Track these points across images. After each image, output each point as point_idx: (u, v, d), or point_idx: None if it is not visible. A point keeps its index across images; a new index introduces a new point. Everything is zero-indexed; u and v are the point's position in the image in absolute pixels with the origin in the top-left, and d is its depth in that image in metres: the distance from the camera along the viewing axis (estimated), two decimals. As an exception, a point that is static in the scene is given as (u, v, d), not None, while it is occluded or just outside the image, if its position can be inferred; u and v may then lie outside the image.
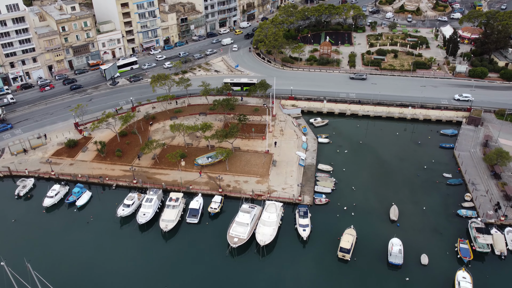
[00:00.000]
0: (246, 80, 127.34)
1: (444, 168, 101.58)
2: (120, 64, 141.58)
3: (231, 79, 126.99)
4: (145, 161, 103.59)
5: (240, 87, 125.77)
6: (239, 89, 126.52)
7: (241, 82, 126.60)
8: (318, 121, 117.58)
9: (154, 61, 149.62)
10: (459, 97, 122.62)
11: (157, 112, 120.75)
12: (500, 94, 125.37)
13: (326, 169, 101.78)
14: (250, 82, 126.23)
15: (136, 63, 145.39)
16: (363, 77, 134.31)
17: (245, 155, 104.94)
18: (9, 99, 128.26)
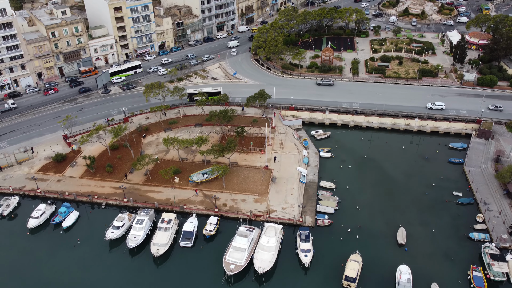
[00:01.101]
0: (211, 89, 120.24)
1: (454, 186, 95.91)
2: (124, 68, 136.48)
3: (194, 89, 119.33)
4: (137, 177, 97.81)
5: (205, 97, 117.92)
6: (204, 99, 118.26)
7: (205, 91, 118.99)
8: (320, 134, 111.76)
9: (160, 64, 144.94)
10: (431, 105, 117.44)
11: (150, 123, 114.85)
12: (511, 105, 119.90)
13: (329, 186, 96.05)
14: (215, 91, 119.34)
15: (140, 67, 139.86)
16: (329, 83, 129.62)
17: (243, 171, 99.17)
18: (10, 104, 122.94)
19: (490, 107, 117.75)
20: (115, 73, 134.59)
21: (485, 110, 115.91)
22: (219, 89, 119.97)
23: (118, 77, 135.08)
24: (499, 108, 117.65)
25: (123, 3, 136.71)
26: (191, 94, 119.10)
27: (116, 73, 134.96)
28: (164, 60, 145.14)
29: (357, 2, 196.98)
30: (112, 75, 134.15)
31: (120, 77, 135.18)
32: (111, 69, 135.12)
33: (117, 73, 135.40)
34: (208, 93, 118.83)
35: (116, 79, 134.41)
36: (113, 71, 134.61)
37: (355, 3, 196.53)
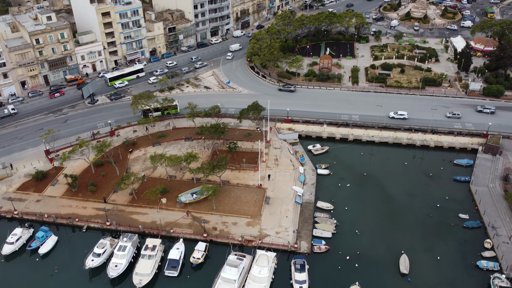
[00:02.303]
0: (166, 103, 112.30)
1: (460, 207, 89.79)
2: (125, 72, 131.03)
3: (148, 105, 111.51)
4: (121, 197, 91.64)
5: (161, 112, 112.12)
6: (160, 114, 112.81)
7: (160, 106, 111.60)
8: (317, 148, 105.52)
9: (165, 67, 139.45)
10: (394, 114, 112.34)
11: (138, 137, 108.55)
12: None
13: (326, 207, 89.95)
14: (173, 104, 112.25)
15: (143, 71, 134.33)
16: (291, 89, 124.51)
17: (235, 190, 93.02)
18: (10, 109, 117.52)
19: (448, 114, 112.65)
20: (116, 78, 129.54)
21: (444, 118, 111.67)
22: (174, 102, 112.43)
23: (121, 82, 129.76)
24: (457, 115, 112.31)
25: (112, 8, 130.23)
26: (145, 111, 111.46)
27: (117, 77, 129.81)
28: (169, 63, 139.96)
29: (369, 0, 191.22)
30: (113, 79, 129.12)
31: (123, 82, 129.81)
32: (112, 74, 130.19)
33: (119, 77, 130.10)
34: (164, 107, 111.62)
35: (118, 83, 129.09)
36: (115, 76, 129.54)
37: (368, 1, 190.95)
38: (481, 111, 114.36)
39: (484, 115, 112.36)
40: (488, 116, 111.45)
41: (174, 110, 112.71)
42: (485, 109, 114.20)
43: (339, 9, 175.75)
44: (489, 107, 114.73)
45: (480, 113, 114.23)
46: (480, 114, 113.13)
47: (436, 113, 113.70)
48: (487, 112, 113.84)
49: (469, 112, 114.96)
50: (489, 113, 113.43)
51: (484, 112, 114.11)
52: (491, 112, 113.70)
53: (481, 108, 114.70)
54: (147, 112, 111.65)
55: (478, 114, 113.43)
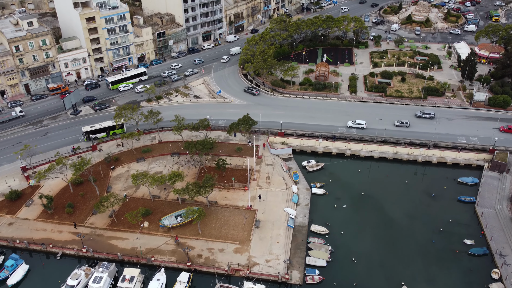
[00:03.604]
0: (111, 123, 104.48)
1: (465, 231, 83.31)
2: (127, 76, 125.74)
3: (91, 126, 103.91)
4: (100, 220, 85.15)
5: (106, 132, 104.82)
6: (104, 135, 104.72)
7: (104, 127, 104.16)
8: (312, 165, 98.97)
9: (169, 69, 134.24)
10: (352, 124, 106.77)
11: (122, 152, 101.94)
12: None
13: (321, 231, 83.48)
14: (119, 124, 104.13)
15: (145, 74, 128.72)
16: (253, 92, 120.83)
17: (222, 212, 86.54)
18: (17, 112, 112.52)
19: (396, 123, 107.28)
20: (118, 81, 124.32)
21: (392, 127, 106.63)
22: (122, 121, 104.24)
23: (126, 85, 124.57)
24: (406, 123, 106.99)
25: (97, 12, 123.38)
26: (88, 132, 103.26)
27: (119, 81, 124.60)
28: (174, 65, 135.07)
29: (361, 4, 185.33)
30: (115, 83, 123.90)
31: (127, 85, 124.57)
32: (114, 77, 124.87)
33: (121, 81, 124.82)
34: (109, 127, 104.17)
35: (123, 86, 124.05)
36: (117, 79, 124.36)
37: (360, 4, 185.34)
38: (420, 116, 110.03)
39: (489, 129, 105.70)
40: (495, 130, 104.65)
41: (120, 130, 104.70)
42: (424, 114, 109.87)
43: (337, 12, 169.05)
44: (428, 112, 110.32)
45: (420, 118, 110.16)
46: (486, 127, 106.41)
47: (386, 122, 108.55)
48: (426, 117, 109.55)
49: (474, 124, 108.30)
50: (428, 118, 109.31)
51: (424, 117, 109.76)
52: (430, 117, 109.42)
53: (420, 114, 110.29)
54: (90, 134, 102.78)
55: (485, 128, 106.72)
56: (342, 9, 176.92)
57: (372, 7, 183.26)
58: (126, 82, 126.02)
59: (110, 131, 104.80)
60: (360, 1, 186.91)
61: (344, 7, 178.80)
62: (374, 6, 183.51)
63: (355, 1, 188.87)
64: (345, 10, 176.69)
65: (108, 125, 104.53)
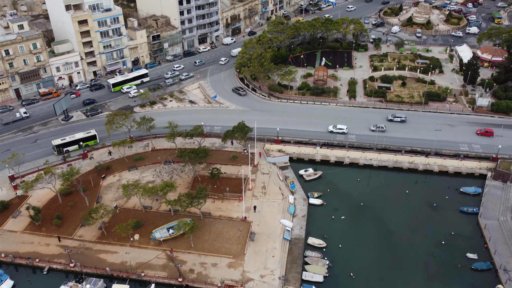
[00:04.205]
0: (82, 135, 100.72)
1: (467, 245, 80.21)
2: (129, 78, 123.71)
3: (62, 139, 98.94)
4: (89, 232, 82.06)
5: (78, 145, 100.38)
6: (76, 147, 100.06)
7: (76, 139, 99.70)
8: (310, 173, 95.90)
9: (171, 70, 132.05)
10: (332, 128, 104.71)
11: (113, 160, 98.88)
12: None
13: (318, 244, 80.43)
14: (88, 136, 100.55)
15: (147, 76, 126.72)
16: (239, 93, 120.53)
17: (216, 224, 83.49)
18: (22, 113, 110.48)
19: (372, 128, 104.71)
20: (119, 83, 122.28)
21: (369, 132, 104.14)
22: (92, 132, 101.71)
23: (129, 86, 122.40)
24: (382, 128, 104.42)
25: (89, 15, 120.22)
26: (59, 146, 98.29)
27: (121, 83, 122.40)
28: (176, 66, 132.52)
29: (368, 2, 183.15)
30: (117, 85, 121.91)
31: (131, 86, 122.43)
32: (115, 79, 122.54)
33: (123, 83, 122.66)
34: (81, 139, 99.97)
35: (127, 88, 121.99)
36: (118, 81, 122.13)
37: (366, 2, 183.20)
38: (392, 120, 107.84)
39: (492, 136, 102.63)
40: (498, 138, 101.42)
41: (92, 142, 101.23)
42: (395, 118, 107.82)
43: (336, 14, 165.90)
44: (399, 115, 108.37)
45: (391, 122, 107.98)
46: (483, 137, 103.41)
47: (364, 127, 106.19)
48: (398, 120, 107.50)
49: (476, 131, 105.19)
50: (400, 121, 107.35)
51: (395, 121, 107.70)
52: (402, 120, 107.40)
53: (391, 117, 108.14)
54: (61, 147, 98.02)
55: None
56: (348, 8, 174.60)
57: (384, 4, 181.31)
58: (128, 84, 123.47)
59: (82, 143, 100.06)
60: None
61: (351, 6, 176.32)
62: (385, 3, 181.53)
63: (361, 0, 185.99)
64: (352, 9, 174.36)
65: (79, 137, 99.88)
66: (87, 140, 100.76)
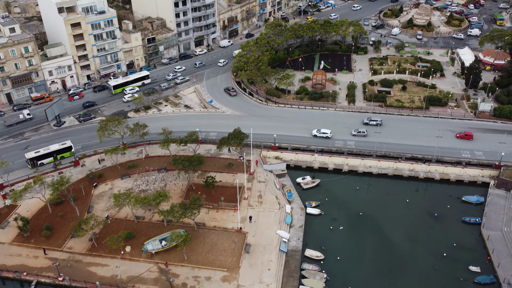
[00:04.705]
0: (57, 146, 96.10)
1: (470, 257, 77.64)
2: (130, 80, 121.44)
3: (36, 152, 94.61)
4: (79, 244, 79.51)
5: (53, 157, 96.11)
6: (51, 160, 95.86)
7: (51, 151, 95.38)
8: (307, 181, 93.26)
9: (172, 71, 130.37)
10: (316, 132, 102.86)
11: (105, 167, 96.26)
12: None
13: (316, 257, 77.84)
14: (63, 148, 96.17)
15: (148, 77, 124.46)
16: (230, 93, 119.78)
17: (210, 235, 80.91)
18: (25, 115, 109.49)
19: (354, 132, 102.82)
20: (120, 85, 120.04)
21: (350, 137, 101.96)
22: (67, 143, 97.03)
23: (132, 88, 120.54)
24: (363, 133, 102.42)
25: (83, 18, 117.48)
26: (33, 159, 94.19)
27: (122, 85, 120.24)
28: (178, 68, 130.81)
29: (373, 1, 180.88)
30: (118, 87, 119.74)
31: (133, 88, 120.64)
32: (117, 81, 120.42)
33: (124, 85, 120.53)
34: (56, 151, 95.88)
35: (129, 90, 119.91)
36: (119, 83, 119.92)
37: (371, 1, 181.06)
38: (368, 123, 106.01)
39: (494, 142, 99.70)
40: (501, 144, 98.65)
41: (68, 153, 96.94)
42: (371, 121, 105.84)
43: (343, 13, 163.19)
44: (375, 118, 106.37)
45: (367, 125, 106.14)
46: (492, 141, 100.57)
47: (346, 132, 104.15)
48: (374, 124, 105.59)
49: (478, 137, 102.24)
50: (376, 125, 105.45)
51: (371, 124, 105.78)
52: (377, 123, 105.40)
53: (367, 121, 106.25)
54: (35, 160, 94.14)
55: (490, 141, 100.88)
56: (354, 7, 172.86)
57: (392, 2, 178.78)
58: (131, 85, 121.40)
59: (57, 155, 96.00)
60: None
61: (356, 5, 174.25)
62: (394, 1, 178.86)
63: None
64: (357, 8, 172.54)
65: (54, 148, 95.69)
66: (62, 152, 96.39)
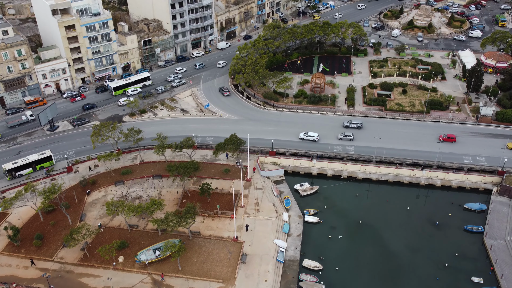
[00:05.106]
0: (36, 157, 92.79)
1: (472, 267, 75.53)
2: (130, 81, 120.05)
3: (13, 163, 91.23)
4: (71, 254, 77.34)
5: (31, 167, 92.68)
6: (30, 170, 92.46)
7: (29, 162, 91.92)
8: (306, 188, 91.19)
9: (173, 73, 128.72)
10: (303, 136, 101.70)
11: (99, 173, 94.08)
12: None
13: (314, 267, 75.72)
14: (42, 158, 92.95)
15: (149, 79, 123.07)
16: (223, 93, 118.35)
17: (205, 245, 78.74)
18: (28, 116, 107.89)
19: (340, 136, 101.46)
20: (121, 87, 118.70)
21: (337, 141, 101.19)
22: (47, 153, 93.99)
23: (134, 89, 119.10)
24: (349, 137, 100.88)
25: (77, 20, 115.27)
26: (11, 170, 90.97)
27: (122, 86, 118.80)
28: (179, 69, 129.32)
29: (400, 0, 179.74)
30: (118, 89, 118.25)
31: (136, 89, 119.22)
32: (117, 83, 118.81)
33: (124, 86, 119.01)
34: (34, 162, 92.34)
35: (131, 91, 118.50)
36: (120, 85, 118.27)
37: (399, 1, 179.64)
38: (348, 126, 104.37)
39: (497, 148, 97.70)
40: (504, 150, 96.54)
41: (47, 163, 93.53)
42: (351, 124, 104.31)
43: (348, 13, 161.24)
44: (356, 121, 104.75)
45: (347, 128, 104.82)
46: (494, 146, 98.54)
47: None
48: (354, 127, 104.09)
49: (480, 142, 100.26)
50: (356, 128, 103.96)
51: (351, 127, 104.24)
52: (358, 126, 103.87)
53: (347, 124, 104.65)
54: (14, 172, 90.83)
55: (492, 146, 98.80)
56: (359, 6, 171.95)
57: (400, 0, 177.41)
58: (132, 87, 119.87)
59: (36, 166, 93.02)
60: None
61: (361, 4, 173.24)
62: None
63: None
64: (362, 7, 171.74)
65: (33, 159, 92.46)
66: (41, 162, 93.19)
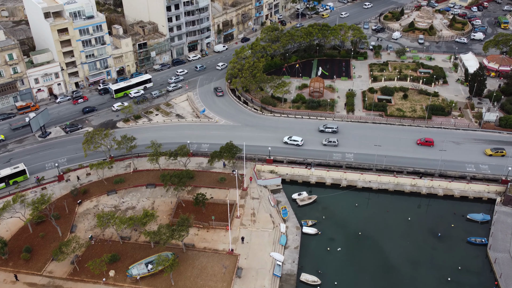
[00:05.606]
0: (9, 171, 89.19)
1: (476, 282, 72.88)
2: (132, 84, 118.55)
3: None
4: (60, 268, 74.65)
5: (5, 183, 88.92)
6: (3, 185, 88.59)
7: (2, 176, 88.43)
8: (304, 198, 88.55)
9: (175, 75, 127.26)
10: (287, 140, 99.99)
11: (91, 182, 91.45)
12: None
13: (312, 282, 73.06)
14: (15, 172, 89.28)
15: (151, 81, 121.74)
16: (217, 93, 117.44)
17: (200, 258, 76.18)
18: (31, 117, 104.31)
19: (324, 142, 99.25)
20: (122, 89, 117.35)
21: (321, 147, 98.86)
22: (20, 167, 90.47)
23: (137, 91, 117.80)
24: (334, 142, 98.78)
25: (70, 23, 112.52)
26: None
27: (124, 89, 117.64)
28: (180, 71, 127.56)
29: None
30: (119, 91, 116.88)
31: (138, 91, 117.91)
32: (118, 85, 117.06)
33: (125, 89, 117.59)
34: (7, 176, 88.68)
35: (134, 93, 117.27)
36: (121, 87, 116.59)
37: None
38: (323, 131, 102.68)
39: (501, 158, 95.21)
40: (507, 158, 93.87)
41: (21, 178, 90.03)
42: (326, 129, 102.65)
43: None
44: (331, 125, 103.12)
45: (323, 132, 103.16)
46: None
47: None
48: (329, 131, 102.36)
49: (484, 149, 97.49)
50: (331, 132, 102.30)
51: (326, 131, 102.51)
52: (333, 131, 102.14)
53: (322, 128, 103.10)
54: None
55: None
56: (365, 5, 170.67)
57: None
58: (134, 89, 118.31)
59: (9, 180, 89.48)
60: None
61: (368, 3, 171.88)
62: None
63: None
64: (368, 6, 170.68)
65: (6, 173, 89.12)
66: (15, 176, 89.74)
